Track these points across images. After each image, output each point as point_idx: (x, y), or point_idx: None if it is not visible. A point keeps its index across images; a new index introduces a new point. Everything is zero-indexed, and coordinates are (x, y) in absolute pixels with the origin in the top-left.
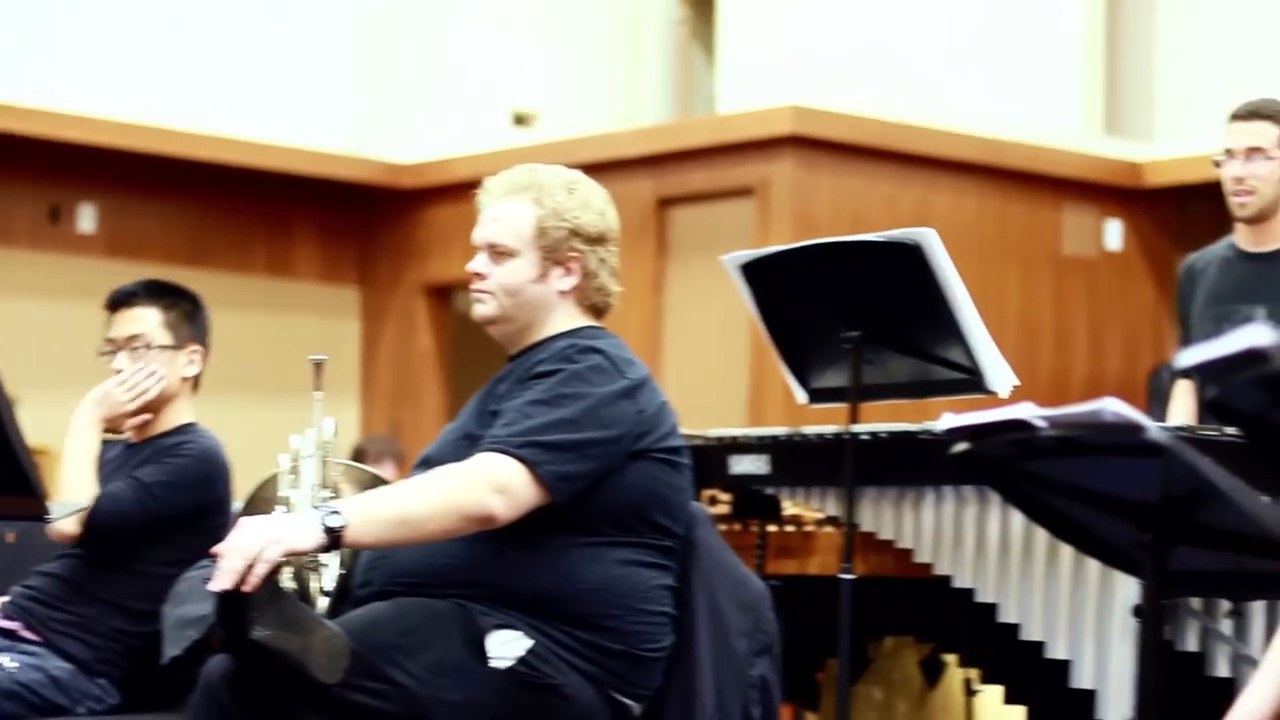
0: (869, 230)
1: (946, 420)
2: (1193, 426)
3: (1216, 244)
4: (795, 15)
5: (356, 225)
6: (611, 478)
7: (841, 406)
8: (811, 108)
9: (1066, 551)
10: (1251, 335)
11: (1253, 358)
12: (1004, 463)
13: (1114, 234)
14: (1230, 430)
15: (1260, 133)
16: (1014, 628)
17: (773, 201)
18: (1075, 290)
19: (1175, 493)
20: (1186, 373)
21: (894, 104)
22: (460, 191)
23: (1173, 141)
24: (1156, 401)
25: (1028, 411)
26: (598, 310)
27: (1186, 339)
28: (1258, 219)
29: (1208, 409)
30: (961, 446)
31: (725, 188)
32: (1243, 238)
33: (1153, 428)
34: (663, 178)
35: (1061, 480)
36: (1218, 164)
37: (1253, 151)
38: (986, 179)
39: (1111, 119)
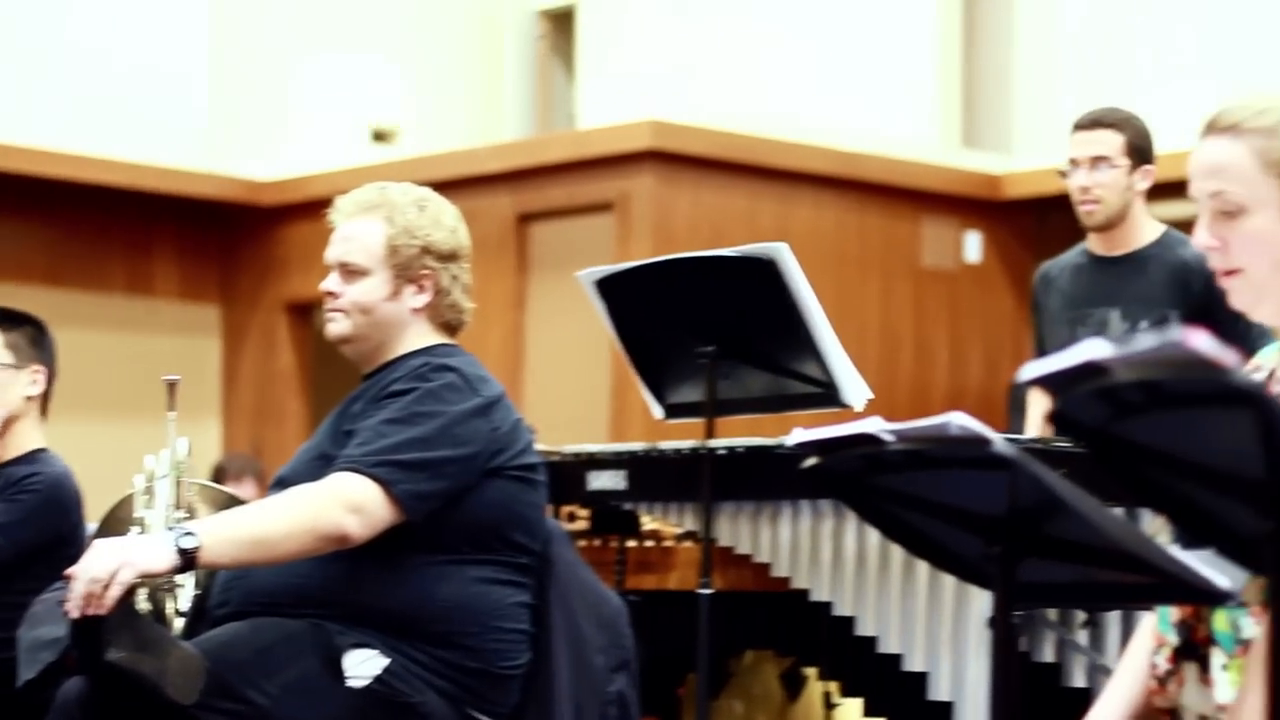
0: (729, 244)
1: (796, 435)
2: (1045, 439)
3: (1069, 251)
4: (654, 30)
5: (216, 243)
6: (467, 496)
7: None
8: (670, 122)
9: (923, 564)
10: (1090, 348)
11: (1091, 370)
12: (853, 477)
13: (973, 246)
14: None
15: (1103, 141)
16: (872, 640)
17: (632, 216)
18: (935, 302)
19: (1022, 505)
20: (1029, 385)
21: (753, 118)
22: (319, 208)
23: (1030, 153)
24: (1017, 412)
25: (875, 425)
26: (451, 328)
27: (1041, 346)
28: (1106, 227)
29: (1049, 422)
30: (811, 461)
31: (585, 203)
32: (1095, 243)
33: (999, 441)
34: (522, 194)
35: (911, 494)
36: (1064, 174)
37: (1097, 160)
38: (845, 192)
39: (969, 132)
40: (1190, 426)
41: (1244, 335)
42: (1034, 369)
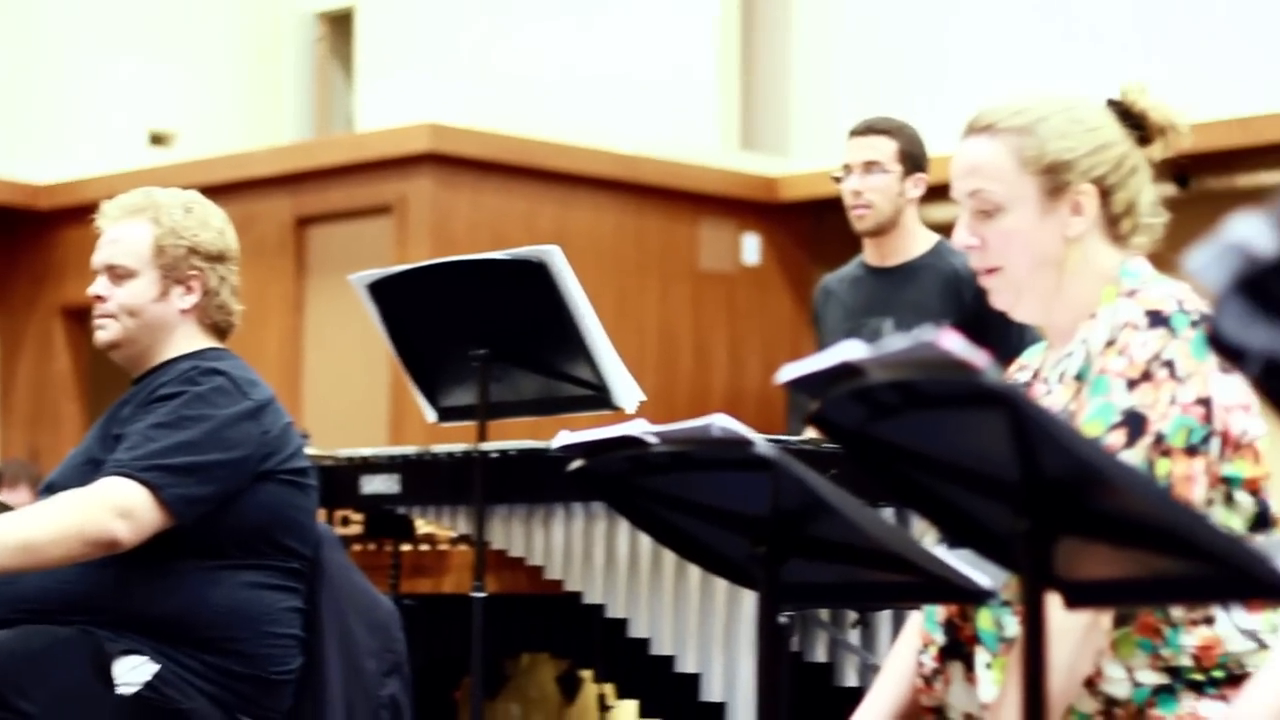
0: (508, 246)
1: (561, 438)
2: (816, 440)
3: (849, 264)
4: (434, 33)
5: None
6: (236, 500)
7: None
8: (449, 125)
9: (694, 567)
10: (845, 350)
11: (847, 372)
12: (620, 479)
13: (751, 248)
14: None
15: (876, 147)
16: (644, 642)
17: (411, 219)
18: (714, 304)
19: (785, 506)
20: (788, 387)
21: (533, 121)
22: (95, 213)
23: (807, 156)
24: (795, 414)
25: (639, 428)
26: (220, 330)
27: None
28: (877, 232)
29: (808, 423)
30: (577, 464)
31: (364, 206)
32: (871, 254)
33: (760, 443)
34: (301, 196)
35: (676, 495)
36: (838, 180)
37: (870, 165)
38: (625, 195)
39: (747, 135)
40: (945, 427)
41: (1016, 341)
42: (791, 371)
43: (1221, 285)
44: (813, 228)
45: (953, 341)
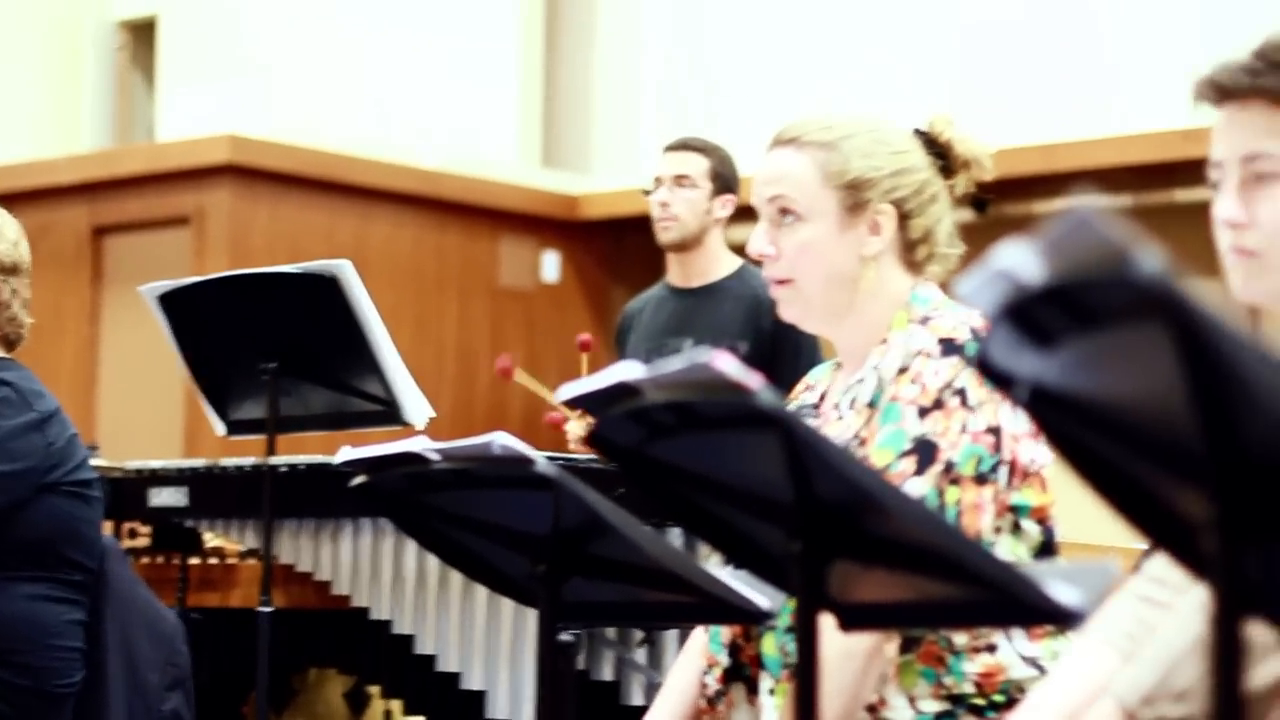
0: (307, 260)
1: (343, 453)
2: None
3: (653, 287)
4: (237, 44)
5: None
6: (20, 511)
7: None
8: (248, 137)
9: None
10: (622, 369)
11: (624, 392)
12: (402, 495)
13: (551, 266)
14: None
15: (688, 163)
16: (431, 659)
17: (209, 231)
18: (513, 321)
19: (566, 525)
20: (568, 406)
21: (335, 135)
22: None
23: (608, 175)
24: None
25: (420, 444)
26: (9, 342)
27: None
28: (680, 247)
29: (584, 443)
30: (360, 479)
31: (162, 217)
32: (675, 274)
33: (540, 461)
34: (98, 206)
35: (459, 513)
36: (648, 192)
37: (680, 179)
38: (424, 210)
39: (549, 153)
40: (721, 448)
41: (806, 368)
42: (569, 390)
43: (990, 312)
44: (613, 246)
45: (727, 363)
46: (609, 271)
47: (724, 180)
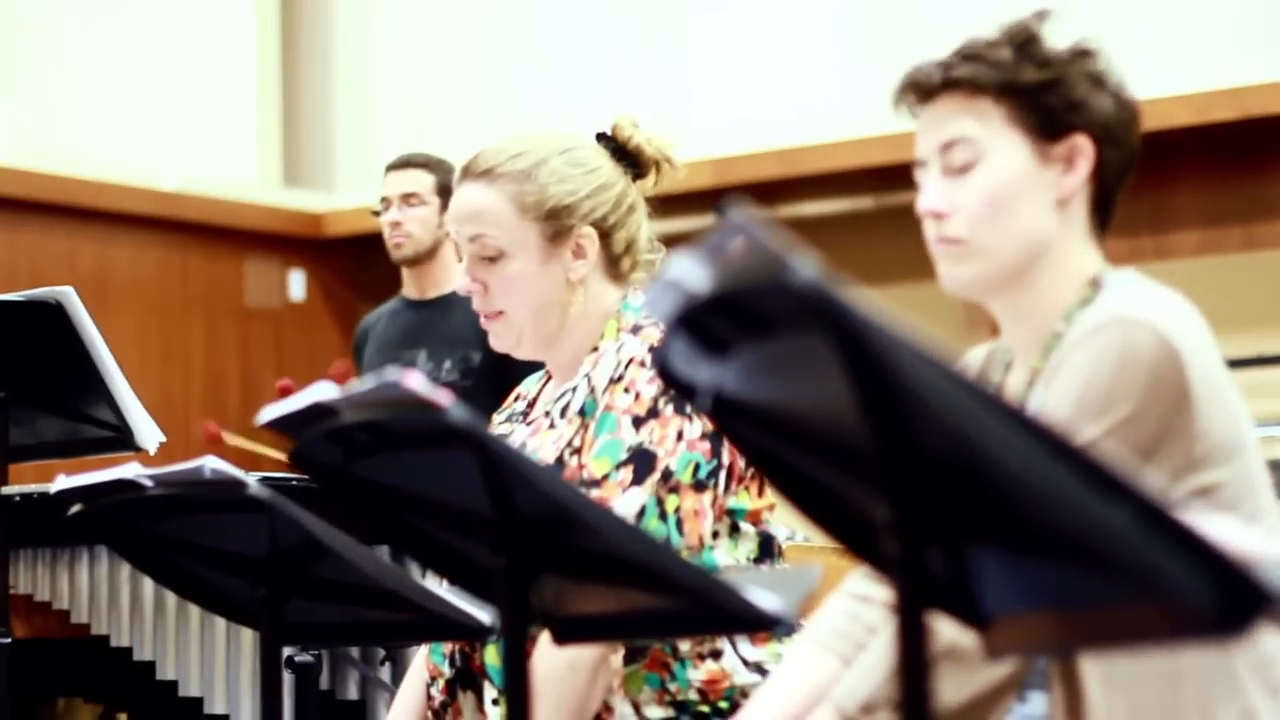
0: (47, 286)
1: (59, 482)
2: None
3: (389, 301)
4: None
5: None
6: None
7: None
8: None
9: None
10: (317, 390)
11: (321, 412)
12: (121, 522)
13: (297, 284)
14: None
15: (414, 180)
16: (174, 684)
17: None
18: (261, 341)
19: (284, 546)
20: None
21: (73, 158)
22: None
23: (351, 192)
24: None
25: (133, 471)
26: None
27: None
28: (415, 262)
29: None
30: (76, 508)
31: None
32: (410, 287)
33: (253, 484)
34: None
35: (178, 538)
36: (377, 213)
37: (408, 198)
38: (167, 233)
39: (290, 171)
40: (420, 466)
41: None
42: (269, 413)
43: (664, 322)
44: (357, 262)
45: (416, 380)
46: (354, 288)
47: (451, 193)
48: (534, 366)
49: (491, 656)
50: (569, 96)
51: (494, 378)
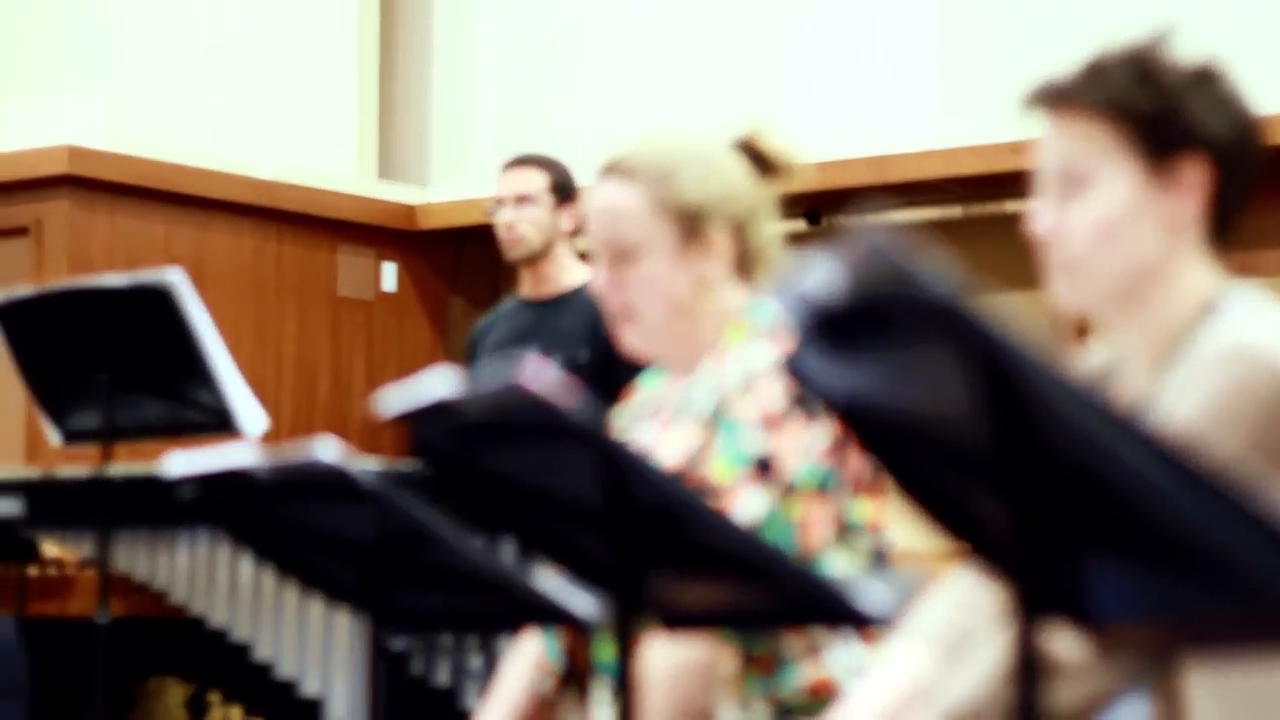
0: (146, 269)
1: (172, 465)
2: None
3: (504, 302)
4: (75, 55)
5: None
6: None
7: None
8: (87, 148)
9: None
10: (441, 385)
11: (446, 407)
12: (233, 507)
13: (390, 276)
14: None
15: (529, 180)
16: (267, 666)
17: (47, 242)
18: (352, 331)
19: (392, 535)
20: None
21: (173, 145)
22: None
23: (446, 186)
24: None
25: (247, 457)
26: None
27: None
28: (529, 261)
29: (413, 454)
30: (191, 491)
31: (1, 228)
32: (526, 286)
33: (361, 474)
34: None
35: (289, 523)
36: (491, 212)
37: (522, 199)
38: (263, 221)
39: (386, 164)
40: (541, 461)
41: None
42: (391, 405)
43: (800, 327)
44: (451, 256)
45: (539, 381)
46: (447, 281)
47: (564, 192)
48: (640, 366)
49: (604, 652)
50: (662, 99)
51: (599, 376)
